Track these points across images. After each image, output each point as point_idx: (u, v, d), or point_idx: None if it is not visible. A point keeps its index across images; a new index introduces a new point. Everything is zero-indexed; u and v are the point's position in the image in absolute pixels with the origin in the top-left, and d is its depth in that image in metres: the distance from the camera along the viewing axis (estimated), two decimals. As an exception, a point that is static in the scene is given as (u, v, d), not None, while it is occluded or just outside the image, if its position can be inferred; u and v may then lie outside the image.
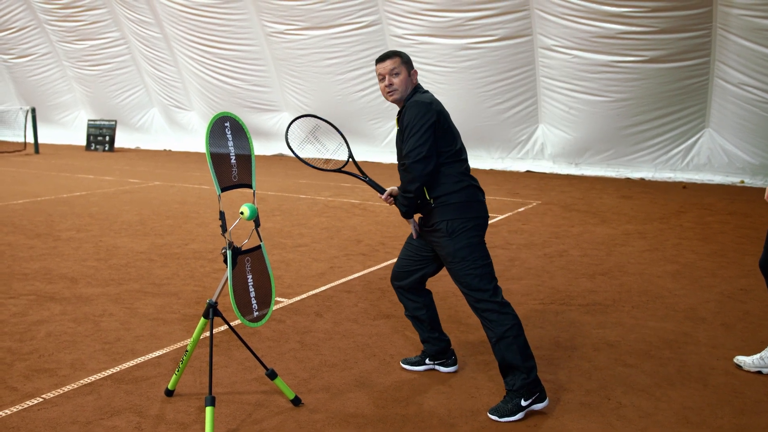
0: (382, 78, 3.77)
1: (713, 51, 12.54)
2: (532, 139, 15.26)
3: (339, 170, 4.14)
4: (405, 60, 3.78)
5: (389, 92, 3.76)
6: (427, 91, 3.82)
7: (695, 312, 5.24)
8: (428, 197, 3.69)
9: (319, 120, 4.19)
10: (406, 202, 3.71)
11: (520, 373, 3.52)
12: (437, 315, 4.08)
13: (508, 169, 15.45)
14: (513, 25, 13.90)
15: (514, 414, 3.50)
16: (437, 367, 4.11)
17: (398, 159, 3.74)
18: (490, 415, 3.51)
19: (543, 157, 15.23)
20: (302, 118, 4.24)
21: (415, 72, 3.83)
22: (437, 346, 4.06)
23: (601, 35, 13.02)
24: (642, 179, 13.88)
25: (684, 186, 12.91)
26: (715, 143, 13.43)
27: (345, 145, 4.19)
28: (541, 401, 3.56)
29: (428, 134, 3.58)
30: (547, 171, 15.01)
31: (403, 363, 4.18)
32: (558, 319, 5.05)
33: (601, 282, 6.10)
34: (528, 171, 15.16)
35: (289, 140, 4.10)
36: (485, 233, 3.73)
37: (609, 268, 6.62)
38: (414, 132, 3.59)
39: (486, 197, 3.94)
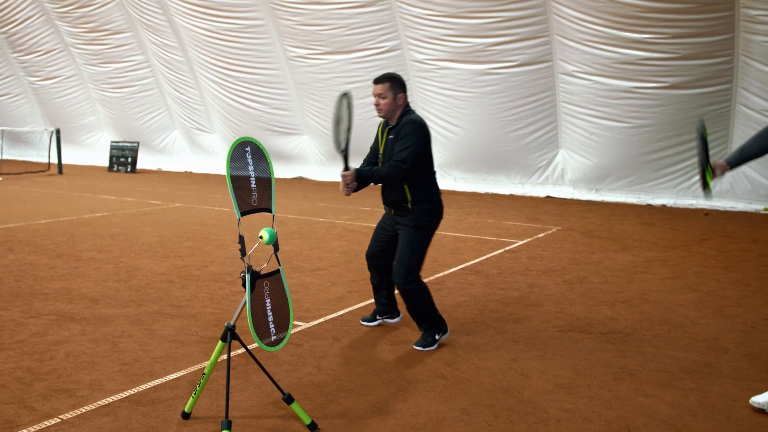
0: (374, 96, 4.78)
1: (735, 78, 12.48)
2: (552, 165, 15.21)
3: (343, 151, 4.69)
4: (393, 86, 4.71)
5: (377, 110, 4.81)
6: (414, 111, 4.85)
7: (718, 342, 5.16)
8: (409, 198, 4.77)
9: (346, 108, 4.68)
10: (379, 180, 4.79)
11: (431, 320, 4.91)
12: (393, 287, 5.30)
13: (528, 194, 15.40)
14: (533, 51, 13.94)
15: (433, 345, 4.88)
16: (386, 320, 5.46)
17: (382, 157, 4.88)
18: (415, 347, 4.87)
19: (563, 183, 15.17)
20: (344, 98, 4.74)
21: (402, 95, 4.76)
22: (387, 308, 5.40)
23: (622, 61, 13.01)
24: (663, 206, 13.76)
25: (706, 213, 12.78)
26: (738, 170, 13.29)
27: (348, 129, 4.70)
28: (445, 333, 4.99)
29: (419, 150, 4.67)
30: (567, 197, 14.94)
31: (362, 321, 5.48)
32: (577, 347, 5.00)
33: (622, 310, 6.04)
34: (548, 196, 15.10)
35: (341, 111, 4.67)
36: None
37: (630, 295, 6.55)
38: (410, 145, 4.64)
39: (505, 222, 4.35)
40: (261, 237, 3.38)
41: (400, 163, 4.65)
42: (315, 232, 9.98)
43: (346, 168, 4.72)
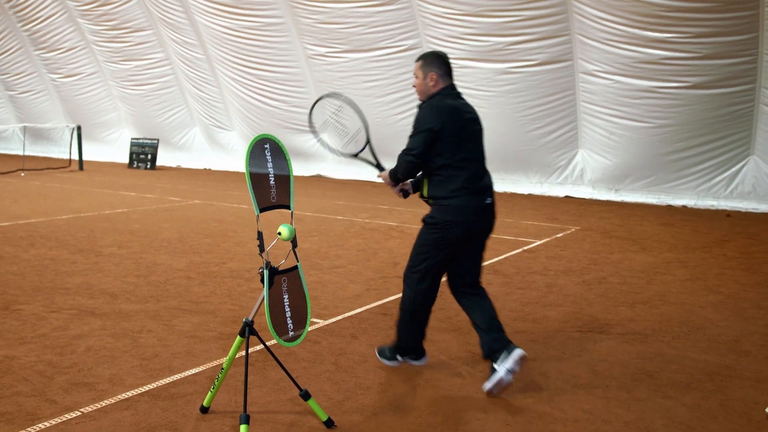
0: None
1: (759, 77, 12.33)
2: (571, 165, 15.12)
3: (355, 155, 4.50)
4: (425, 63, 4.19)
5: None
6: (451, 95, 4.17)
7: (739, 344, 5.11)
8: (425, 195, 4.23)
9: (341, 101, 4.55)
10: (393, 176, 4.28)
11: (398, 334, 4.34)
12: (490, 307, 4.36)
13: (547, 194, 15.33)
14: (554, 50, 13.86)
15: (390, 360, 4.43)
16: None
17: None
18: (377, 354, 4.48)
19: (582, 183, 15.08)
20: (324, 99, 4.61)
21: (433, 75, 4.16)
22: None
23: (644, 61, 12.90)
24: (684, 207, 13.64)
25: (728, 214, 12.65)
26: (761, 171, 13.16)
27: (365, 129, 4.54)
28: (417, 360, 4.40)
29: (422, 137, 4.06)
30: (587, 197, 14.85)
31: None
32: (596, 348, 4.97)
33: (641, 311, 5.99)
34: (567, 196, 15.01)
35: (313, 117, 4.39)
36: (470, 231, 4.16)
37: (649, 296, 6.50)
38: (415, 131, 4.11)
39: (524, 222, 4.12)
40: (279, 233, 3.39)
41: (403, 152, 4.15)
42: (333, 229, 10.00)
43: (380, 168, 4.41)
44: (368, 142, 4.51)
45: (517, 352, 4.02)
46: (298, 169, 18.61)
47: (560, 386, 4.21)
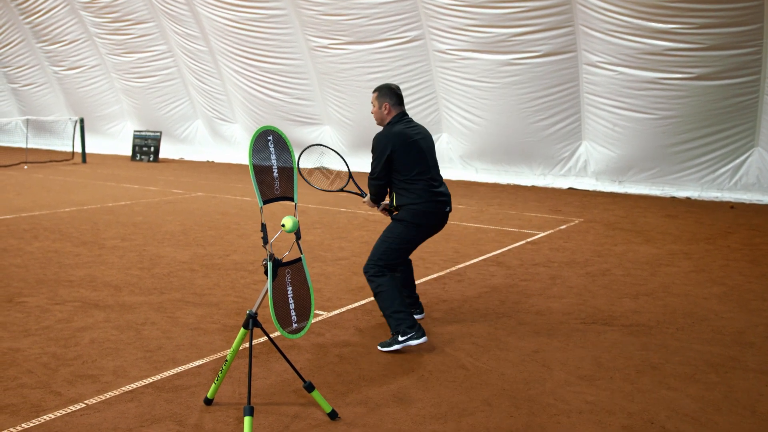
0: None
1: (764, 68, 12.28)
2: (575, 156, 15.09)
3: (341, 189, 5.34)
4: (380, 95, 4.93)
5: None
6: (401, 122, 4.91)
7: (743, 336, 5.10)
8: (395, 204, 4.96)
9: (323, 147, 5.45)
10: (373, 200, 5.12)
11: (390, 319, 4.67)
12: (413, 277, 5.27)
13: (550, 185, 15.30)
14: (557, 41, 13.81)
15: (392, 346, 4.63)
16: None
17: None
18: (378, 347, 4.68)
19: (586, 175, 15.05)
20: (309, 148, 5.49)
21: (387, 105, 4.92)
22: (409, 300, 5.21)
23: (648, 52, 12.85)
24: (688, 198, 13.61)
25: (732, 206, 12.62)
26: (765, 163, 13.11)
27: (346, 167, 5.38)
28: (417, 339, 4.60)
29: (379, 162, 4.82)
30: (590, 188, 14.82)
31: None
32: (600, 339, 4.96)
33: (645, 302, 5.98)
34: (570, 188, 14.99)
35: (301, 168, 5.07)
36: (429, 232, 4.97)
37: (653, 288, 6.49)
38: (373, 159, 4.87)
39: (527, 214, 4.26)
40: (283, 225, 3.38)
41: (369, 177, 4.97)
42: (336, 222, 9.99)
43: (363, 195, 5.21)
44: (350, 177, 5.36)
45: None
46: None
47: (564, 378, 4.21)
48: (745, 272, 7.21)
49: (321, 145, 5.51)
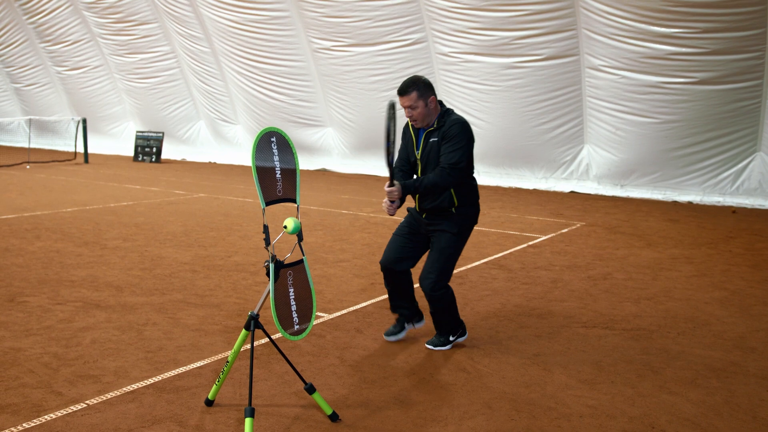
0: (404, 108, 4.48)
1: (767, 73, 12.28)
2: (577, 160, 15.09)
3: (388, 158, 4.36)
4: (421, 93, 4.39)
5: (413, 122, 4.52)
6: (453, 110, 4.57)
7: (744, 341, 5.10)
8: (455, 203, 4.52)
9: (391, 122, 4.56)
10: (427, 191, 4.43)
11: (454, 321, 4.71)
12: (412, 290, 4.88)
13: (552, 189, 15.30)
14: (560, 45, 13.82)
15: (445, 346, 4.71)
16: (414, 325, 4.96)
17: (420, 161, 4.56)
18: (427, 345, 4.74)
19: (588, 178, 15.05)
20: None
21: (433, 98, 4.45)
22: (411, 312, 4.90)
23: (650, 56, 12.86)
24: (690, 203, 13.61)
25: (734, 211, 12.61)
26: (767, 167, 13.11)
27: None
28: (463, 336, 4.77)
29: (470, 150, 4.45)
30: (592, 192, 14.82)
31: (387, 336, 4.92)
32: (601, 344, 4.96)
33: (646, 307, 5.98)
34: (572, 192, 14.99)
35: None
36: None
37: (654, 292, 6.49)
38: (461, 145, 4.37)
39: (529, 217, 4.23)
40: (285, 226, 3.39)
41: (452, 166, 4.36)
42: (338, 224, 10.00)
43: (392, 183, 4.36)
44: (390, 157, 4.38)
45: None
46: (303, 163, 18.62)
47: (565, 381, 4.21)
48: (747, 277, 7.21)
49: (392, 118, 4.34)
